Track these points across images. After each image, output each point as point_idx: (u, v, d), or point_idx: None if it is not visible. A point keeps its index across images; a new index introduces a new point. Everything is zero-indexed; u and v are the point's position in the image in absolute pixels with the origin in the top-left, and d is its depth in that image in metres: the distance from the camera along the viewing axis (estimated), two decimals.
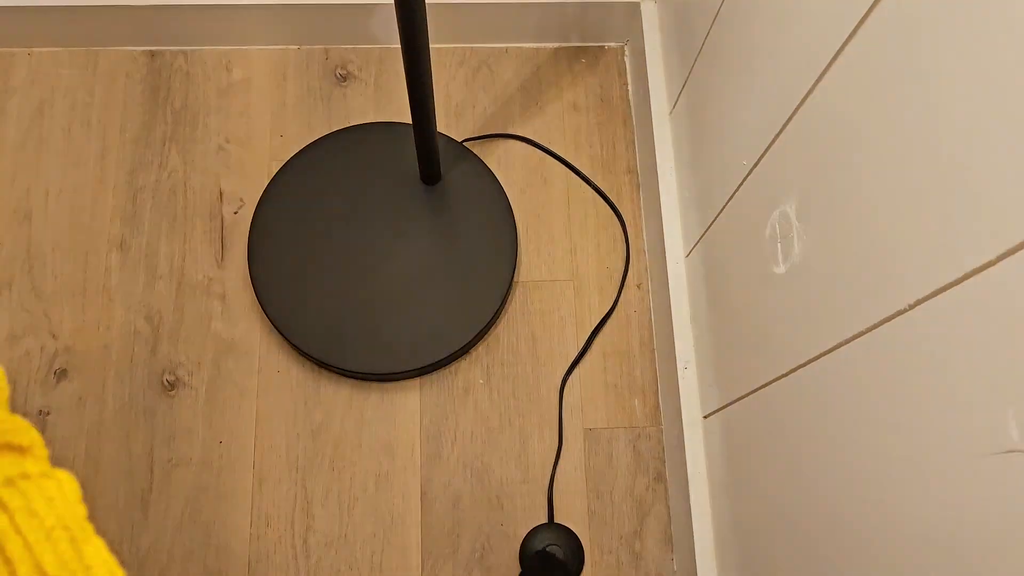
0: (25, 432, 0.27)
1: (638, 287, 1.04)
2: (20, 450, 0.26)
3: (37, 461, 0.27)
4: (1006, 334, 0.40)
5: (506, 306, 1.02)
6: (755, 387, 0.74)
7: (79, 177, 1.06)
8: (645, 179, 1.06)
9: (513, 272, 1.01)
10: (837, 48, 0.56)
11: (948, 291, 0.45)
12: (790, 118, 0.65)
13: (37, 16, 1.06)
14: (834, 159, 0.58)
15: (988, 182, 0.41)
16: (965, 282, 0.43)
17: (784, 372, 0.67)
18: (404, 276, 1.00)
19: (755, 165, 0.72)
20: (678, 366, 0.92)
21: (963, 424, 0.44)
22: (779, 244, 0.67)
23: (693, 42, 0.91)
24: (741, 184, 0.75)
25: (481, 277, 1.00)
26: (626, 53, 1.14)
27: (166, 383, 0.98)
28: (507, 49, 1.14)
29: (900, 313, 0.49)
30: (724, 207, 0.81)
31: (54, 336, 1.00)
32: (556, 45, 1.15)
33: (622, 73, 1.14)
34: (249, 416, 0.97)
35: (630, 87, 1.12)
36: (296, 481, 0.95)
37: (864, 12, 0.52)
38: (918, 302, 0.47)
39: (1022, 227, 0.39)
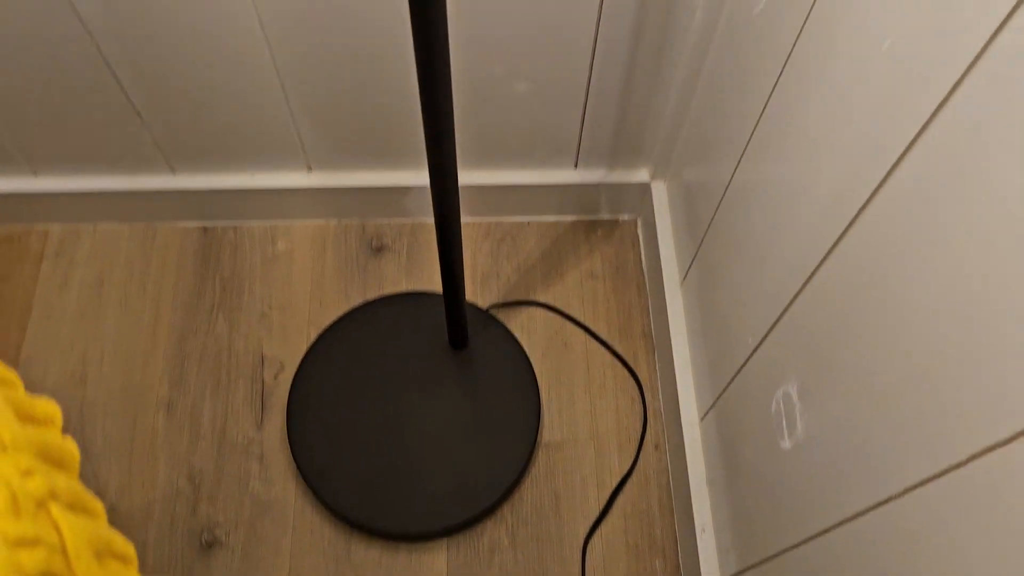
0: (126, 544, 0.33)
1: (656, 448, 1.08)
2: (124, 559, 0.32)
3: (135, 571, 0.33)
4: (998, 520, 0.45)
5: (530, 466, 1.07)
6: (769, 555, 0.77)
7: (132, 342, 1.14)
8: (659, 344, 1.12)
9: (536, 433, 1.06)
10: (836, 238, 0.61)
11: (938, 480, 0.50)
12: (790, 304, 0.72)
13: (104, 198, 1.17)
14: (832, 346, 0.64)
15: (983, 370, 0.45)
16: (949, 474, 0.48)
17: (795, 543, 0.71)
18: (434, 439, 1.05)
19: (759, 344, 0.78)
20: (696, 528, 0.95)
21: None
22: (784, 421, 0.72)
23: (701, 220, 0.99)
24: (747, 361, 0.81)
25: (506, 438, 1.06)
26: (639, 226, 1.24)
27: (204, 542, 1.02)
28: (529, 222, 1.24)
29: (891, 499, 0.54)
30: (733, 379, 0.87)
31: (100, 495, 1.05)
32: (574, 218, 1.24)
33: (635, 244, 1.23)
34: None
35: (643, 257, 1.21)
36: None
37: (862, 204, 0.57)
38: (907, 489, 0.52)
39: (1010, 418, 0.43)
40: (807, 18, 0.67)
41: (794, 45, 0.69)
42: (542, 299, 1.18)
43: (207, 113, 1.04)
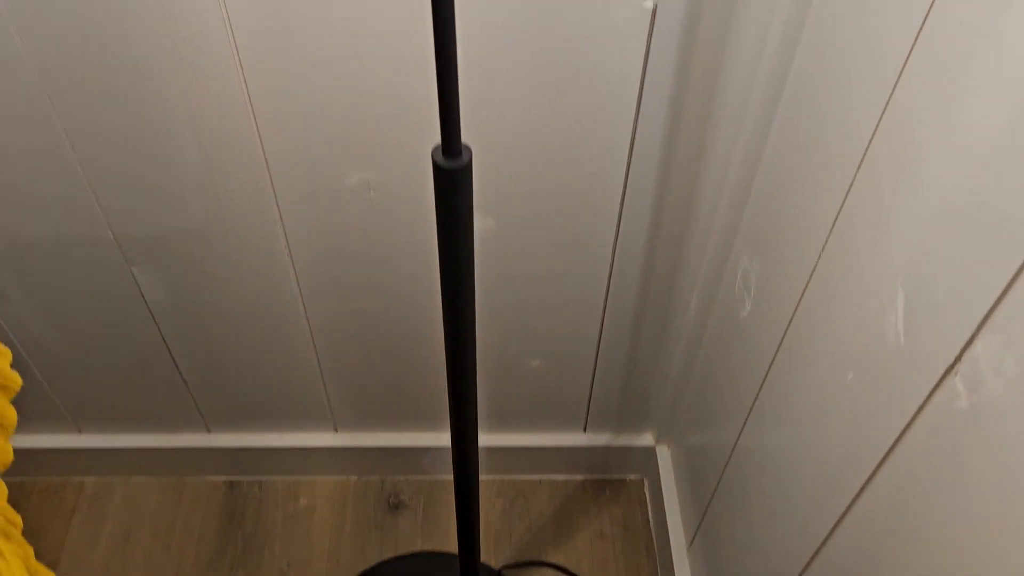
0: (48, 571, 0.41)
1: None
2: None
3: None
4: None
5: None
6: None
7: None
8: None
9: None
10: (839, 515, 0.64)
11: None
12: None
13: (141, 453, 1.25)
14: None
15: None
16: None
17: None
18: None
19: None
20: None
21: None
22: None
23: (706, 485, 1.05)
24: None
25: None
26: (646, 486, 1.29)
27: None
28: (540, 481, 1.30)
29: None
30: None
31: None
32: (583, 477, 1.30)
33: (643, 504, 1.27)
34: None
35: (651, 519, 1.26)
36: None
37: (862, 483, 0.60)
38: None
39: None
40: (786, 331, 0.77)
41: (778, 348, 0.79)
42: (553, 559, 1.21)
43: (247, 380, 1.14)
